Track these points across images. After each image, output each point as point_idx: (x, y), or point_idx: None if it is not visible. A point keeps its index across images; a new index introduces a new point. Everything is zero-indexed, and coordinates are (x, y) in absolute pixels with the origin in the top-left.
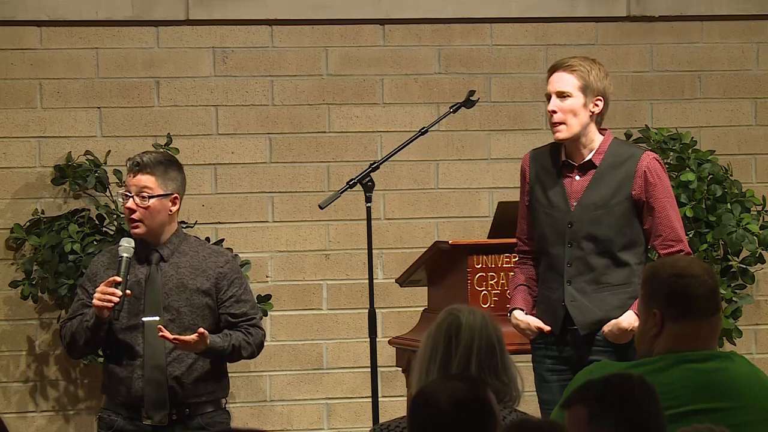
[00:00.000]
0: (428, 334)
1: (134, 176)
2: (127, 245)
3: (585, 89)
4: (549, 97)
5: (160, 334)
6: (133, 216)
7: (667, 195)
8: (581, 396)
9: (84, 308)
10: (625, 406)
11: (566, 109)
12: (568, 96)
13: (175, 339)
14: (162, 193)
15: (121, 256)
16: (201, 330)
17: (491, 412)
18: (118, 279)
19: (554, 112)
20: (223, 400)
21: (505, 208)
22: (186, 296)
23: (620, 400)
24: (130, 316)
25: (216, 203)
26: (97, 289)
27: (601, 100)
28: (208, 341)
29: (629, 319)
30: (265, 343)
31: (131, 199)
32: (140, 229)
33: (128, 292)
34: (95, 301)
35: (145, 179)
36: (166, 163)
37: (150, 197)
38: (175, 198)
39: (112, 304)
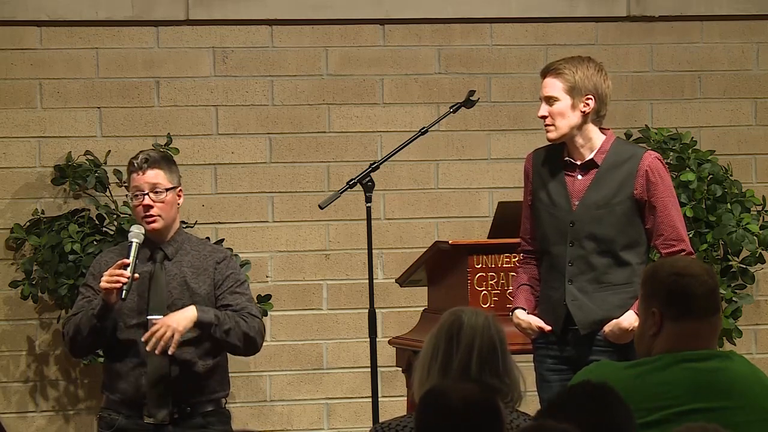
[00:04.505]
0: (431, 333)
1: (143, 173)
2: (137, 231)
3: (571, 91)
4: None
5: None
6: (151, 212)
7: (668, 194)
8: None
9: (88, 305)
10: (587, 414)
11: (555, 113)
12: (555, 100)
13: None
14: (172, 186)
15: (131, 242)
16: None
17: (498, 416)
18: (127, 261)
19: (543, 117)
20: (224, 400)
21: (505, 208)
22: (188, 294)
23: (580, 408)
24: (134, 314)
25: (216, 203)
26: (105, 272)
27: (591, 98)
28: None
29: (630, 319)
30: (265, 343)
31: (146, 196)
32: (158, 223)
33: (136, 275)
34: (103, 284)
35: (155, 174)
36: (167, 157)
37: (166, 190)
38: (180, 191)
39: (120, 285)
